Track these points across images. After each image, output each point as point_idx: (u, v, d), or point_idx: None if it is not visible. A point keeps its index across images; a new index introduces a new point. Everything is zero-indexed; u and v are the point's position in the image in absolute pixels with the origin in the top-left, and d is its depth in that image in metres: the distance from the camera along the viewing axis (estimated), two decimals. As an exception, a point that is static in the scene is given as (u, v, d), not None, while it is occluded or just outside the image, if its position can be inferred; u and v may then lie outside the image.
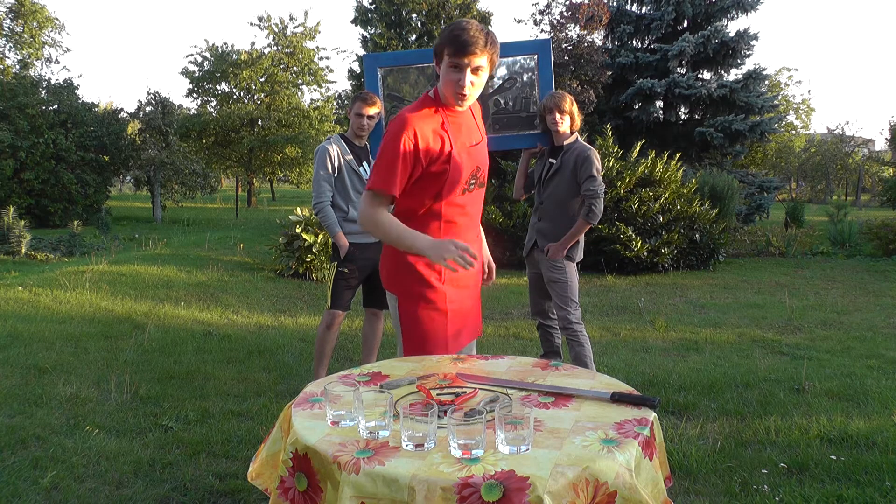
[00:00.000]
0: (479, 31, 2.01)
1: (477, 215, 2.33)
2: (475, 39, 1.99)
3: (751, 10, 14.02)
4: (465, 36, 1.99)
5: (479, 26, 2.03)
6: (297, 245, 8.18)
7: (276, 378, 4.29)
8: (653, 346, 5.21)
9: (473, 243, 2.32)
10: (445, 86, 2.09)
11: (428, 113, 2.13)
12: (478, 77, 2.07)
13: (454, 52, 2.01)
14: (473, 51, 1.99)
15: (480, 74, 2.06)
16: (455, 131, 2.16)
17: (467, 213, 2.25)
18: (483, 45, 2.00)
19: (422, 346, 2.22)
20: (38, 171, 16.74)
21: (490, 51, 2.03)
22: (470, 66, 2.02)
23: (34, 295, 6.57)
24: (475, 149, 2.24)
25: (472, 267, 2.03)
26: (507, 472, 1.26)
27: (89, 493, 2.69)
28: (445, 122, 2.14)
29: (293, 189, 37.39)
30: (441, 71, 2.09)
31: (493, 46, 2.04)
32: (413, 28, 16.41)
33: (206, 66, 21.39)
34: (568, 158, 3.71)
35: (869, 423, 3.44)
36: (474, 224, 2.33)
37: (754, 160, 21.14)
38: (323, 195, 3.81)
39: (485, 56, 2.02)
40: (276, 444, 1.63)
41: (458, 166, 2.14)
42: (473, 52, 2.00)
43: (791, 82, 39.88)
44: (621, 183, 8.96)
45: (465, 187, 2.20)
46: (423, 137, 2.08)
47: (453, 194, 2.18)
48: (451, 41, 2.00)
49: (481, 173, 2.26)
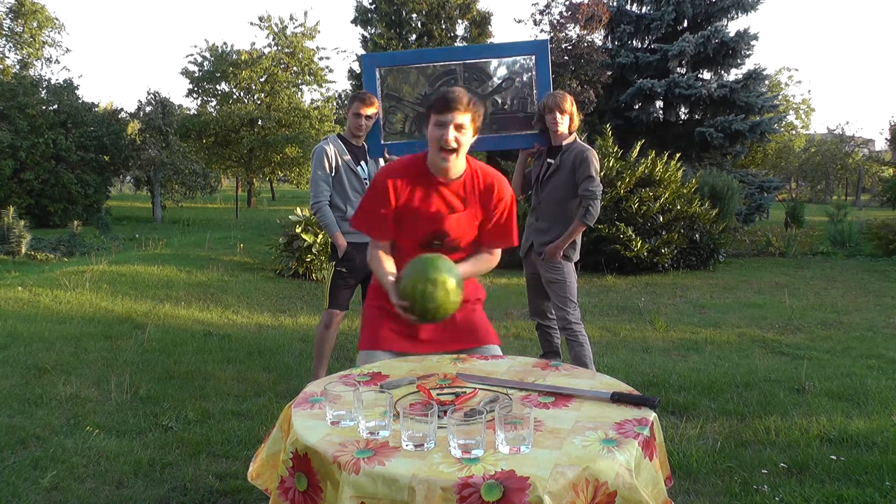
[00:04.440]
0: (463, 93, 2.16)
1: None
2: (459, 98, 2.13)
3: (751, 10, 14.03)
4: (449, 95, 2.15)
5: (463, 90, 2.19)
6: (296, 245, 8.18)
7: (276, 378, 4.29)
8: (653, 346, 5.21)
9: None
10: (431, 144, 2.20)
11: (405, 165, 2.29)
12: (462, 134, 2.15)
13: (438, 110, 2.14)
14: (456, 107, 2.12)
15: (464, 133, 2.16)
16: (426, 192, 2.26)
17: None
18: (466, 104, 2.14)
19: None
20: (38, 171, 16.75)
21: (472, 110, 2.16)
22: (453, 122, 2.13)
23: (34, 295, 6.57)
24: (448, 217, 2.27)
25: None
26: (507, 472, 1.26)
27: (89, 493, 2.69)
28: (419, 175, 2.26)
29: (293, 189, 37.37)
30: (428, 132, 2.20)
31: (476, 107, 2.18)
32: (413, 28, 16.41)
33: (206, 66, 21.40)
34: (566, 159, 3.70)
35: (869, 423, 3.44)
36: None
37: (754, 160, 21.14)
38: (321, 195, 3.81)
39: (468, 115, 2.15)
40: (276, 445, 1.63)
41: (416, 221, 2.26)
42: (456, 108, 2.12)
43: (791, 82, 39.88)
44: (621, 183, 8.95)
45: (423, 244, 2.28)
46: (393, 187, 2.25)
47: (409, 242, 2.30)
48: (436, 101, 2.17)
49: (452, 240, 2.30)
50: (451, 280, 2.04)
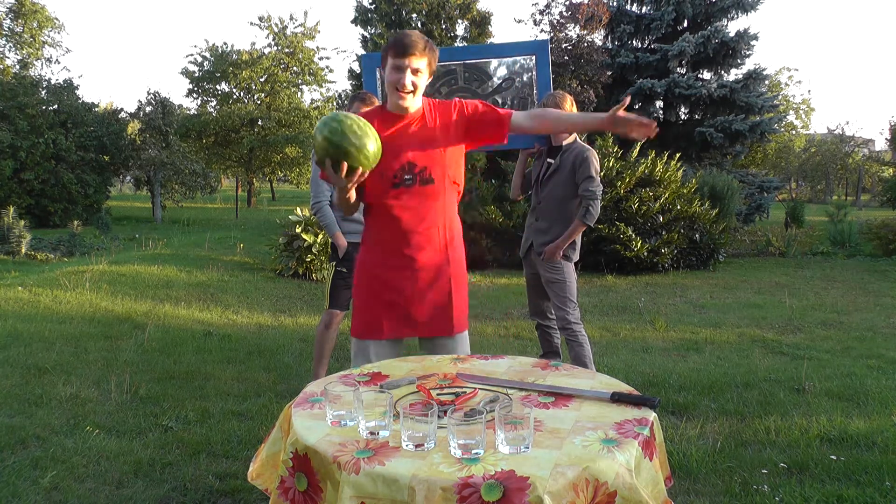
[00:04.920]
0: (419, 37, 2.24)
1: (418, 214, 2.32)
2: (415, 43, 2.21)
3: (751, 10, 14.02)
4: (406, 40, 2.22)
5: (419, 34, 2.25)
6: (296, 245, 8.18)
7: (276, 378, 4.29)
8: (653, 346, 5.21)
9: (425, 242, 2.34)
10: (389, 87, 2.28)
11: (367, 113, 2.34)
12: (418, 78, 2.24)
13: (395, 55, 2.22)
14: (413, 52, 2.20)
15: (420, 76, 2.25)
16: (388, 128, 2.29)
17: (410, 209, 2.31)
18: (422, 49, 2.22)
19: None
20: (38, 171, 16.75)
21: (428, 54, 2.24)
22: (409, 66, 2.21)
23: (34, 295, 6.57)
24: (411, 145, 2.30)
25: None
26: (507, 472, 1.26)
27: (89, 493, 2.69)
28: (380, 118, 2.31)
29: (293, 189, 37.38)
30: (385, 74, 2.28)
31: (432, 52, 2.26)
32: (413, 28, 16.40)
33: (206, 66, 21.41)
34: (566, 159, 3.70)
35: (869, 423, 3.44)
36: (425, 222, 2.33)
37: (754, 160, 21.15)
38: (321, 195, 3.81)
39: (424, 59, 2.23)
40: (276, 445, 1.63)
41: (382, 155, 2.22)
42: (413, 52, 2.20)
43: (791, 82, 39.91)
44: (621, 183, 8.95)
45: (395, 181, 2.29)
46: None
47: (381, 185, 2.29)
48: (394, 44, 2.23)
49: (422, 171, 2.30)
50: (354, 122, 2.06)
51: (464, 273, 2.48)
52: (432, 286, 2.38)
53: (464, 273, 2.48)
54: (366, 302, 2.41)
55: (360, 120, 2.07)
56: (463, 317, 2.45)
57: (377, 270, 2.38)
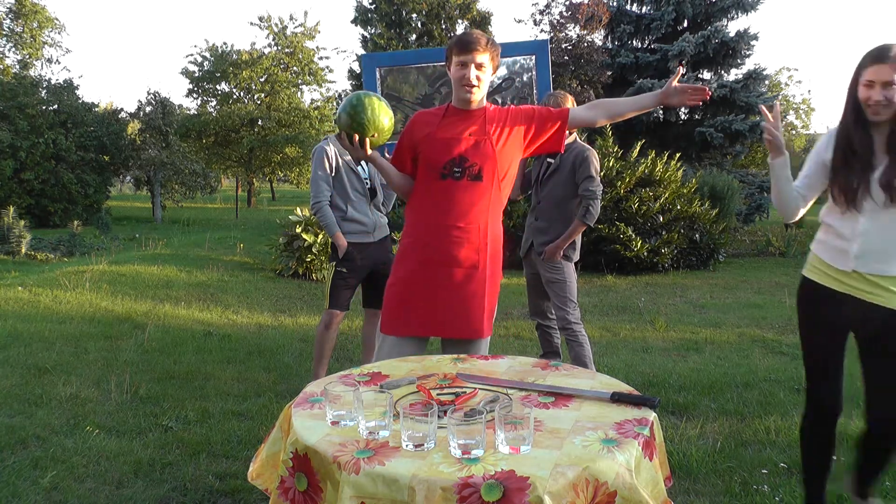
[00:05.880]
0: (481, 34, 2.36)
1: (461, 209, 2.37)
2: (477, 39, 2.33)
3: (751, 10, 14.04)
4: (468, 37, 2.34)
5: (481, 32, 2.40)
6: (297, 245, 8.18)
7: (276, 378, 4.29)
8: (653, 346, 5.21)
9: (463, 239, 2.38)
10: (455, 83, 2.39)
11: (434, 109, 2.50)
12: (482, 72, 2.34)
13: (459, 51, 2.33)
14: (476, 48, 2.31)
15: (484, 71, 2.35)
16: (449, 123, 2.40)
17: (454, 203, 2.36)
18: (485, 45, 2.33)
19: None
20: (38, 171, 16.75)
21: (490, 50, 2.35)
22: (473, 62, 2.32)
23: (34, 295, 6.57)
24: (467, 140, 2.37)
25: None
26: (507, 472, 1.26)
27: (89, 493, 2.69)
28: (444, 113, 2.44)
29: (293, 189, 37.37)
30: (451, 72, 2.39)
31: (494, 47, 2.36)
32: (413, 28, 16.41)
33: (206, 66, 21.40)
34: (566, 158, 3.70)
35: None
36: (466, 218, 2.37)
37: (754, 160, 21.13)
38: (321, 195, 3.81)
39: (486, 54, 2.34)
40: (276, 445, 1.63)
41: (435, 147, 2.38)
42: (476, 48, 2.31)
43: (791, 82, 39.87)
44: (621, 183, 8.95)
45: (444, 171, 2.35)
46: (416, 123, 2.46)
47: (430, 176, 2.38)
48: (457, 43, 2.35)
49: (471, 166, 2.36)
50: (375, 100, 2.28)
51: (498, 280, 2.49)
52: (465, 286, 2.39)
53: (498, 280, 2.49)
54: (399, 296, 2.43)
55: (377, 97, 2.28)
56: (489, 322, 2.46)
57: (413, 266, 2.41)
